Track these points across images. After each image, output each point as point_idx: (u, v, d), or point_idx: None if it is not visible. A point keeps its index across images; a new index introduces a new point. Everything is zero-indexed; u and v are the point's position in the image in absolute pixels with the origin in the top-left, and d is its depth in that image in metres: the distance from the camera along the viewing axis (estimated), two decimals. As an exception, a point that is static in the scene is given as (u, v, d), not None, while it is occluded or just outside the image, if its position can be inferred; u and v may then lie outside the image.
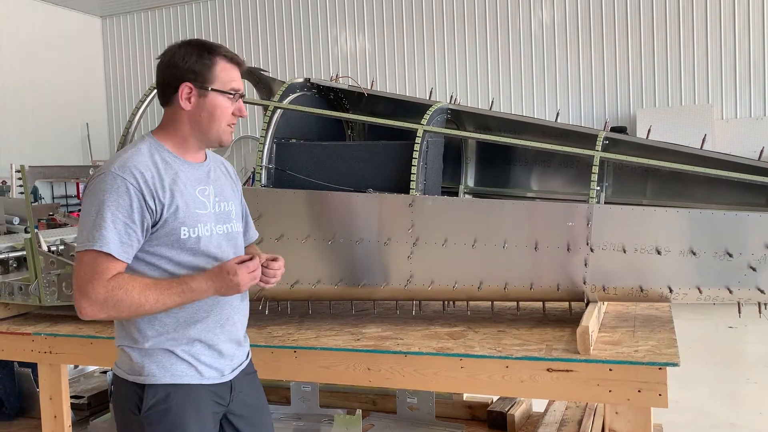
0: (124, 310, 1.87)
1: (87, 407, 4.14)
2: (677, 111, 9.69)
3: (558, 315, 3.02)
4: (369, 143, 3.60)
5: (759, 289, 2.57)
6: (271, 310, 3.23)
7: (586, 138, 2.97)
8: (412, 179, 2.90)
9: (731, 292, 2.60)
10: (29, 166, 3.39)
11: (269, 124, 3.19)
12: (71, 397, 3.92)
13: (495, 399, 3.89)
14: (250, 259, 1.96)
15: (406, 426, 3.78)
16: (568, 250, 2.70)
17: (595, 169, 2.75)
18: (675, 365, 2.30)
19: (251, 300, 2.27)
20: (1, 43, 11.95)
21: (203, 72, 1.99)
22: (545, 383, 2.46)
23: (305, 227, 2.97)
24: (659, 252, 2.62)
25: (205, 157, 2.13)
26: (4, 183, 10.33)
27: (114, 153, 2.18)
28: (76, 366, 4.56)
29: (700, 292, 2.63)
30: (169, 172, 1.98)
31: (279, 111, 3.26)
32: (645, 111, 9.88)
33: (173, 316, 1.98)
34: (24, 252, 3.73)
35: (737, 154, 3.11)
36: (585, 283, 2.72)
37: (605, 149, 2.86)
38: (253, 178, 3.15)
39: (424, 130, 2.98)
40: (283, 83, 3.41)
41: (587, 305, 2.74)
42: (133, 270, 1.94)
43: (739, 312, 2.75)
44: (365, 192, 2.95)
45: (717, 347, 6.63)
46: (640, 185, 3.13)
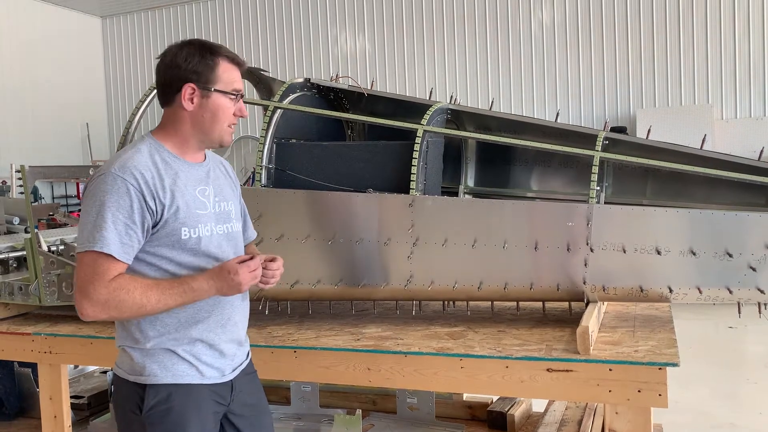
0: (125, 310, 1.88)
1: (87, 407, 4.14)
2: (677, 111, 9.69)
3: (558, 315, 3.02)
4: (369, 143, 3.60)
5: (759, 289, 2.57)
6: (271, 310, 3.23)
7: (586, 138, 2.97)
8: (412, 179, 2.90)
9: (731, 292, 2.60)
10: (29, 166, 3.39)
11: (269, 124, 3.20)
12: (71, 397, 3.92)
13: (495, 399, 3.89)
14: (250, 259, 1.97)
15: (406, 426, 3.78)
16: (568, 250, 2.70)
17: (595, 169, 2.75)
18: (675, 365, 2.30)
19: (251, 300, 2.27)
20: (1, 43, 11.95)
21: (206, 73, 1.99)
22: (545, 383, 2.46)
23: (305, 227, 2.97)
24: (659, 252, 2.62)
25: (204, 157, 2.13)
26: (4, 183, 10.33)
27: (114, 153, 2.18)
28: (76, 366, 4.56)
29: (700, 292, 2.63)
30: (169, 172, 1.98)
31: (279, 111, 3.26)
32: (645, 111, 9.88)
33: (175, 316, 1.98)
34: (24, 252, 3.73)
35: (737, 154, 3.11)
36: (585, 283, 2.72)
37: (605, 149, 2.86)
38: (253, 178, 3.15)
39: (424, 130, 2.98)
40: (283, 83, 3.41)
41: (587, 305, 2.74)
42: (134, 271, 1.94)
43: (739, 312, 2.75)
44: (365, 192, 2.95)
45: (717, 347, 6.63)
46: (640, 185, 3.13)
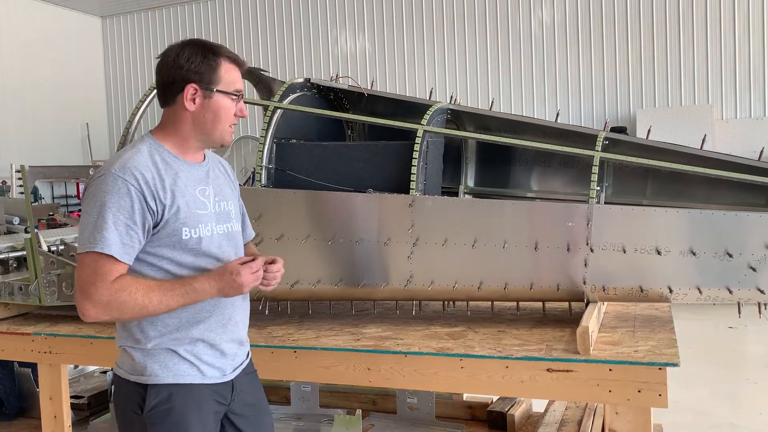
0: (127, 312, 1.88)
1: (87, 407, 4.14)
2: (677, 111, 9.68)
3: (558, 315, 3.02)
4: (369, 143, 3.60)
5: (759, 290, 2.57)
6: (271, 310, 3.23)
7: (586, 138, 2.97)
8: (412, 179, 2.90)
9: (731, 292, 2.60)
10: (29, 166, 3.39)
11: (269, 124, 3.20)
12: (71, 397, 3.92)
13: (495, 399, 3.89)
14: (252, 260, 1.97)
15: (406, 426, 3.78)
16: (568, 250, 2.70)
17: (595, 170, 2.75)
18: (675, 365, 2.30)
19: (251, 300, 2.27)
20: (1, 43, 11.95)
21: (208, 73, 1.99)
22: (545, 383, 2.46)
23: (305, 227, 2.97)
24: (659, 252, 2.62)
25: (204, 157, 2.13)
26: (4, 183, 10.32)
27: (114, 153, 2.17)
28: (76, 366, 4.56)
29: (700, 292, 2.63)
30: (170, 172, 1.98)
31: (279, 111, 3.26)
32: (645, 111, 9.88)
33: (176, 316, 1.98)
34: (24, 252, 3.73)
35: (737, 154, 3.11)
36: (585, 284, 2.72)
37: (605, 149, 2.86)
38: (253, 178, 3.15)
39: (424, 130, 2.98)
40: (283, 83, 3.41)
41: (587, 305, 2.74)
42: (135, 271, 1.94)
43: (739, 312, 2.75)
44: (365, 192, 2.95)
45: (717, 347, 6.63)
46: (640, 185, 3.13)
